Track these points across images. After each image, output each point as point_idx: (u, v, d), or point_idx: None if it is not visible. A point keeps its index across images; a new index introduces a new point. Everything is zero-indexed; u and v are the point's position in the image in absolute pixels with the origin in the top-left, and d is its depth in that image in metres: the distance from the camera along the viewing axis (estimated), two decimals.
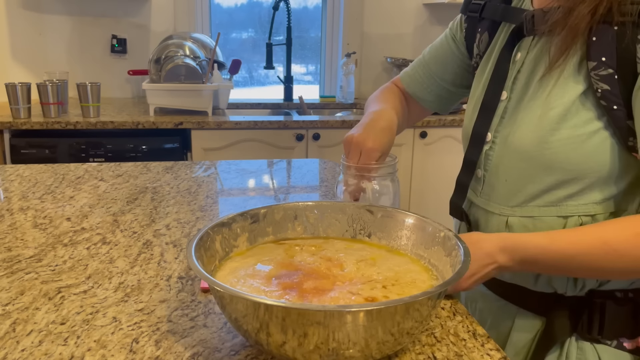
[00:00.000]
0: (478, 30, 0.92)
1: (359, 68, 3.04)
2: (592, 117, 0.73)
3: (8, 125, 2.22)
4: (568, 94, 0.75)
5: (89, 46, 2.83)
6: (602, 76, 0.72)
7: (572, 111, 0.74)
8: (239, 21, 3.14)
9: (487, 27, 0.90)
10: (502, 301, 0.89)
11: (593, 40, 0.72)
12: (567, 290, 0.82)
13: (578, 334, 0.82)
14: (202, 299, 0.78)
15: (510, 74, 0.83)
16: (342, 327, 0.56)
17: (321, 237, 0.84)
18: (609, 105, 0.72)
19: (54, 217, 1.10)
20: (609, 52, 0.71)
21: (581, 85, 0.74)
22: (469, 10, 0.94)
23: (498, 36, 0.88)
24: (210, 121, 2.34)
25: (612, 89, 0.71)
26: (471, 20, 0.95)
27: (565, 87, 0.75)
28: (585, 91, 0.74)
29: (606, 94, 0.72)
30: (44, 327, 0.71)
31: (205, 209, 1.17)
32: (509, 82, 0.83)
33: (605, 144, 0.73)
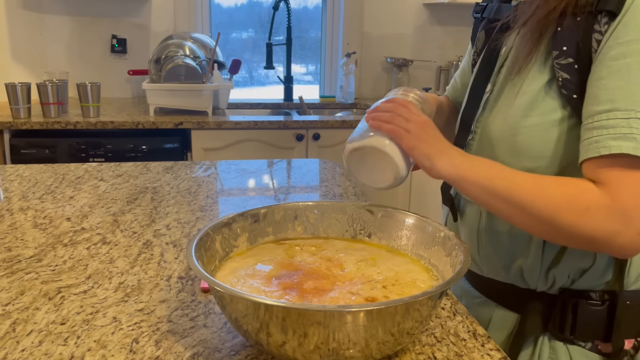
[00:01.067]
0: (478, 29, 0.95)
1: (359, 68, 3.04)
2: (556, 105, 0.75)
3: (8, 125, 2.22)
4: (535, 82, 0.77)
5: (89, 46, 2.83)
6: (562, 65, 0.74)
7: (538, 99, 0.76)
8: (239, 21, 3.14)
9: (484, 26, 0.93)
10: (482, 297, 0.91)
11: (558, 30, 0.74)
12: (537, 285, 0.82)
13: (550, 333, 0.82)
14: (202, 299, 0.78)
15: (497, 68, 0.86)
16: (342, 327, 0.56)
17: (321, 237, 0.84)
18: (569, 94, 0.73)
19: (54, 217, 1.10)
20: (570, 42, 0.72)
21: (546, 74, 0.76)
22: (475, 12, 0.98)
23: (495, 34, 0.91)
24: (210, 121, 2.34)
25: (571, 77, 0.73)
26: (475, 22, 0.99)
27: (534, 76, 0.77)
28: (549, 80, 0.76)
29: (566, 83, 0.73)
30: (44, 327, 0.71)
31: (205, 209, 1.17)
32: (494, 75, 0.86)
33: (569, 133, 0.74)
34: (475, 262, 0.90)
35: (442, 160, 0.74)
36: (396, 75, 3.04)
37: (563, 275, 0.81)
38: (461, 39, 3.11)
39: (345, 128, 2.45)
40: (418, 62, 3.07)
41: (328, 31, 3.11)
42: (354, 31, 3.04)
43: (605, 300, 0.80)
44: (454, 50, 3.10)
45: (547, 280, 0.82)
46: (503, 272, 0.86)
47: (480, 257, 0.88)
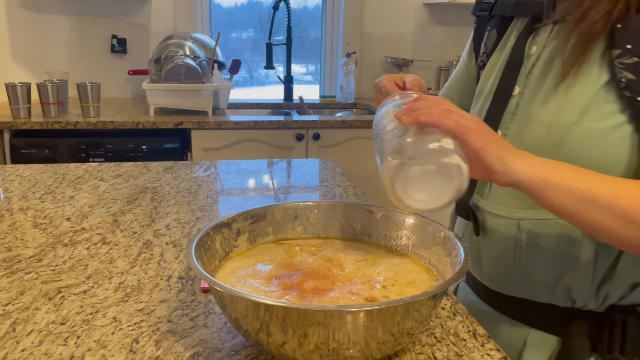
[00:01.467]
0: (487, 28, 0.89)
1: (359, 68, 3.04)
2: (614, 109, 0.69)
3: (8, 125, 2.22)
4: (590, 85, 0.70)
5: (89, 46, 2.83)
6: (626, 65, 0.67)
7: (593, 104, 0.70)
8: (239, 21, 3.14)
9: (495, 25, 0.87)
10: (512, 321, 0.83)
11: (617, 27, 0.68)
12: (587, 303, 0.76)
13: (598, 354, 0.77)
14: (202, 299, 0.78)
15: (524, 69, 0.79)
16: (342, 327, 0.56)
17: (321, 237, 0.84)
18: (634, 96, 0.67)
19: (54, 217, 1.10)
20: (635, 40, 0.67)
21: (604, 75, 0.70)
22: (479, 10, 0.91)
23: (510, 32, 0.84)
24: (210, 121, 2.34)
25: (637, 78, 0.67)
26: (480, 20, 0.92)
27: (587, 78, 0.71)
28: (608, 81, 0.69)
29: (631, 84, 0.67)
30: (44, 327, 0.71)
31: (205, 209, 1.17)
32: (522, 76, 0.79)
33: (628, 139, 0.69)
34: (510, 283, 0.82)
35: (519, 161, 0.62)
36: None
37: (616, 290, 0.75)
38: (461, 39, 3.11)
39: (345, 128, 2.45)
40: (418, 62, 3.07)
41: (328, 31, 3.11)
42: (354, 31, 3.04)
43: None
44: (454, 50, 3.10)
45: (598, 298, 0.75)
46: (547, 292, 0.78)
47: (521, 276, 0.80)
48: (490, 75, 0.85)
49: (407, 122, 0.64)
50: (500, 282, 0.84)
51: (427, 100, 0.66)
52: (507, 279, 0.82)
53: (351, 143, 2.47)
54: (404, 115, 0.64)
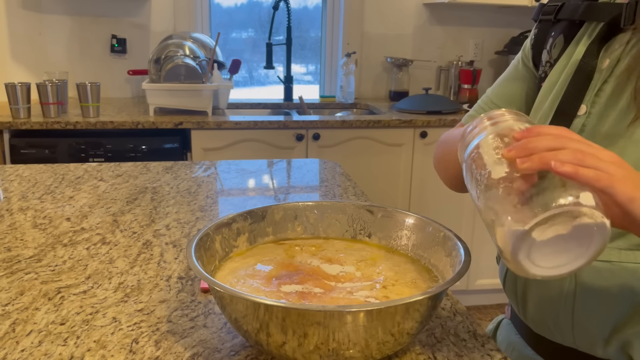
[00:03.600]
0: (551, 34, 0.78)
1: (359, 68, 3.04)
2: None
3: (8, 125, 2.22)
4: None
5: (89, 46, 2.83)
6: None
7: None
8: (239, 21, 3.14)
9: (562, 30, 0.75)
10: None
11: None
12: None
13: None
14: (202, 299, 0.78)
15: (594, 85, 0.68)
16: (342, 328, 0.56)
17: (321, 237, 0.84)
18: None
19: (54, 217, 1.10)
20: None
21: None
22: (543, 14, 0.79)
23: (578, 40, 0.73)
24: (210, 121, 2.34)
25: None
26: (543, 25, 0.80)
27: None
28: None
29: None
30: (43, 327, 0.71)
31: (205, 209, 1.17)
32: (591, 93, 0.68)
33: None
34: (559, 329, 0.72)
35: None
36: (396, 75, 3.04)
37: None
38: (461, 39, 3.11)
39: (345, 128, 2.45)
40: (418, 62, 3.07)
41: (328, 31, 3.11)
42: (354, 31, 3.04)
43: None
44: (454, 50, 3.10)
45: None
46: (600, 345, 0.69)
47: (572, 323, 0.70)
48: (552, 89, 0.74)
49: (526, 169, 0.50)
50: (546, 327, 0.75)
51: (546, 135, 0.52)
52: (555, 325, 0.73)
53: (351, 143, 2.47)
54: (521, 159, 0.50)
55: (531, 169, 0.50)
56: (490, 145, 0.58)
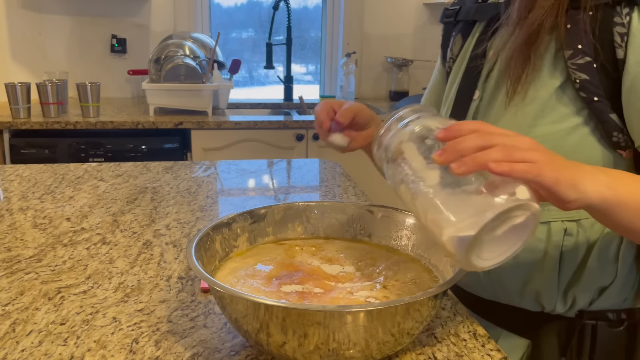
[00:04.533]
0: (452, 34, 0.89)
1: (359, 68, 3.04)
2: (570, 111, 0.69)
3: (8, 125, 2.22)
4: (544, 87, 0.70)
5: (89, 46, 2.83)
6: (579, 65, 0.67)
7: (548, 106, 0.69)
8: (239, 21, 3.14)
9: (460, 29, 0.86)
10: (485, 322, 0.84)
11: (567, 27, 0.68)
12: (555, 307, 0.76)
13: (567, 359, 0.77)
14: (202, 299, 0.78)
15: (483, 73, 0.78)
16: (342, 328, 0.56)
17: (321, 237, 0.84)
18: (589, 97, 0.67)
19: (54, 217, 1.10)
20: (585, 39, 0.66)
21: (558, 77, 0.69)
22: (445, 17, 0.91)
23: (472, 36, 0.84)
24: (210, 121, 2.34)
25: (591, 78, 0.66)
26: (447, 27, 0.91)
27: (541, 80, 0.70)
28: (562, 83, 0.69)
29: (585, 85, 0.67)
30: (43, 327, 0.71)
31: (205, 209, 1.17)
32: (481, 81, 0.78)
33: (587, 140, 0.68)
34: (482, 286, 0.83)
35: (589, 183, 0.56)
36: (396, 75, 3.04)
37: (583, 295, 0.74)
38: None
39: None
40: (418, 62, 3.07)
41: (328, 31, 3.11)
42: (354, 31, 3.04)
43: (623, 320, 0.74)
44: None
45: (565, 301, 0.75)
46: (516, 296, 0.79)
47: (490, 280, 0.81)
48: (454, 81, 0.85)
49: (463, 173, 0.53)
50: (472, 285, 0.85)
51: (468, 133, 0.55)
52: (478, 282, 0.83)
53: None
54: (456, 164, 0.53)
55: (467, 173, 0.53)
56: (414, 149, 0.60)
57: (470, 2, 0.86)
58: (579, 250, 0.73)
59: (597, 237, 0.72)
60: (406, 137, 0.61)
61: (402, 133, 0.62)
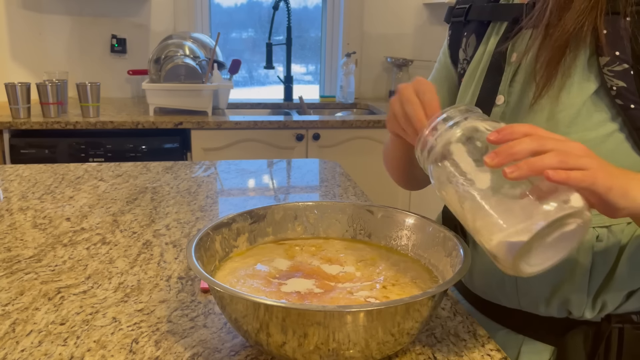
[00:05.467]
0: (464, 34, 0.86)
1: (359, 68, 3.04)
2: (605, 118, 0.67)
3: (7, 125, 2.22)
4: (578, 94, 0.68)
5: (89, 46, 2.83)
6: (616, 72, 0.66)
7: (582, 113, 0.68)
8: (239, 21, 3.14)
9: (474, 30, 0.83)
10: (505, 329, 0.81)
11: (604, 33, 0.66)
12: (584, 313, 0.74)
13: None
14: (202, 300, 0.78)
15: (506, 77, 0.76)
16: (342, 328, 0.56)
17: (321, 237, 0.84)
18: (626, 104, 0.66)
19: (54, 217, 1.10)
20: (623, 46, 0.65)
21: (593, 83, 0.68)
22: (454, 16, 0.88)
23: (487, 38, 0.81)
24: (210, 121, 2.34)
25: (628, 85, 0.65)
26: (456, 27, 0.89)
27: (574, 86, 0.68)
28: (597, 90, 0.67)
29: (622, 92, 0.66)
30: (43, 327, 0.71)
31: (205, 209, 1.17)
32: (505, 85, 0.76)
33: (621, 147, 0.67)
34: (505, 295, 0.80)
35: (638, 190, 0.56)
36: (396, 75, 3.04)
37: (613, 300, 0.73)
38: None
39: (345, 128, 2.45)
40: (418, 62, 3.07)
41: (328, 31, 3.11)
42: (354, 31, 3.04)
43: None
44: None
45: (595, 307, 0.74)
46: (542, 304, 0.76)
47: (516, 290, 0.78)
48: (471, 83, 0.82)
49: (516, 178, 0.52)
50: (492, 293, 0.82)
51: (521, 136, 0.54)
52: (501, 291, 0.80)
53: (351, 143, 2.47)
54: (510, 169, 0.52)
55: (521, 178, 0.53)
56: (463, 151, 0.59)
57: (481, 1, 0.83)
58: (610, 256, 0.72)
59: (627, 242, 0.71)
60: (455, 138, 0.60)
61: (450, 134, 0.61)
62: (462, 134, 0.60)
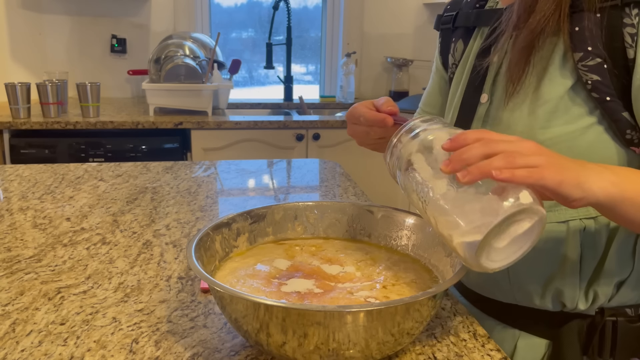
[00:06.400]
0: (452, 40, 0.90)
1: (359, 68, 3.04)
2: (583, 111, 0.70)
3: (8, 125, 2.22)
4: (555, 89, 0.71)
5: (89, 46, 2.83)
6: (590, 67, 0.68)
7: (561, 107, 0.71)
8: (239, 21, 3.14)
9: (461, 35, 0.87)
10: (502, 324, 0.83)
11: (575, 30, 0.69)
12: (577, 305, 0.76)
13: (589, 358, 0.77)
14: (202, 300, 0.78)
15: (489, 76, 0.79)
16: (342, 328, 0.56)
17: (321, 237, 0.84)
18: (601, 97, 0.68)
19: (54, 217, 1.10)
20: (595, 41, 0.68)
21: (569, 78, 0.70)
22: (442, 23, 0.92)
23: (473, 42, 0.85)
24: (210, 121, 2.34)
25: (602, 79, 0.68)
26: (445, 33, 0.92)
27: (552, 82, 0.71)
28: (574, 85, 0.70)
29: (597, 85, 0.68)
30: (43, 327, 0.71)
31: (205, 209, 1.17)
32: (488, 84, 0.79)
33: (601, 138, 0.70)
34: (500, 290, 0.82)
35: (595, 181, 0.59)
36: (396, 75, 3.04)
37: (604, 290, 0.75)
38: None
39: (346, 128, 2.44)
40: (418, 62, 3.07)
41: (328, 31, 3.11)
42: (354, 31, 3.04)
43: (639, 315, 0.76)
44: None
45: (587, 298, 0.76)
46: (536, 297, 0.78)
47: (510, 284, 0.80)
48: (458, 84, 0.86)
49: (468, 182, 0.56)
50: (488, 289, 0.84)
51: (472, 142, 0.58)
52: (496, 286, 0.82)
53: (351, 143, 2.47)
54: (462, 174, 0.56)
55: (472, 181, 0.56)
56: (422, 160, 0.64)
57: (468, 8, 0.87)
58: (598, 247, 0.74)
59: (615, 232, 0.73)
60: (415, 148, 0.65)
61: (412, 144, 0.65)
62: (421, 144, 0.64)
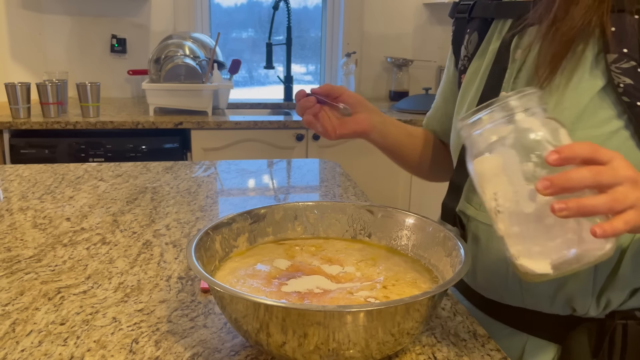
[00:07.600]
0: (467, 31, 0.86)
1: (359, 68, 3.04)
2: (611, 115, 0.67)
3: (7, 125, 2.22)
4: (585, 91, 0.68)
5: (89, 46, 2.83)
6: (624, 69, 0.66)
7: (588, 110, 0.68)
8: (239, 21, 3.14)
9: (476, 27, 0.83)
10: (509, 328, 0.81)
11: (612, 30, 0.66)
12: (589, 311, 0.74)
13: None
14: (202, 300, 0.78)
15: (510, 74, 0.75)
16: (342, 328, 0.56)
17: (321, 237, 0.84)
18: (632, 102, 0.66)
19: (54, 217, 1.10)
20: (631, 43, 0.65)
21: (600, 80, 0.67)
22: (458, 12, 0.88)
23: (491, 35, 0.81)
24: (210, 121, 2.34)
25: (635, 83, 0.65)
26: (459, 23, 0.89)
27: (581, 83, 0.68)
28: (604, 87, 0.67)
29: (629, 89, 0.66)
30: (43, 327, 0.71)
31: (205, 209, 1.17)
32: (509, 82, 0.75)
33: (626, 145, 0.67)
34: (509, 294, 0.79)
35: None
36: (396, 75, 3.04)
37: (617, 297, 0.73)
38: None
39: None
40: (418, 62, 3.07)
41: (328, 31, 3.11)
42: (354, 31, 3.04)
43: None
44: None
45: (599, 305, 0.74)
46: (547, 302, 0.76)
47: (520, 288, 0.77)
48: (474, 81, 0.82)
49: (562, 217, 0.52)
50: (496, 292, 0.82)
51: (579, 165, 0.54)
52: (505, 290, 0.80)
53: (351, 143, 2.47)
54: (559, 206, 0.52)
55: (568, 217, 0.53)
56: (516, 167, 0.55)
57: None
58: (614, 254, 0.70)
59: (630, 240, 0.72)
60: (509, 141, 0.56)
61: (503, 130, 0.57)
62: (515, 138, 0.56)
